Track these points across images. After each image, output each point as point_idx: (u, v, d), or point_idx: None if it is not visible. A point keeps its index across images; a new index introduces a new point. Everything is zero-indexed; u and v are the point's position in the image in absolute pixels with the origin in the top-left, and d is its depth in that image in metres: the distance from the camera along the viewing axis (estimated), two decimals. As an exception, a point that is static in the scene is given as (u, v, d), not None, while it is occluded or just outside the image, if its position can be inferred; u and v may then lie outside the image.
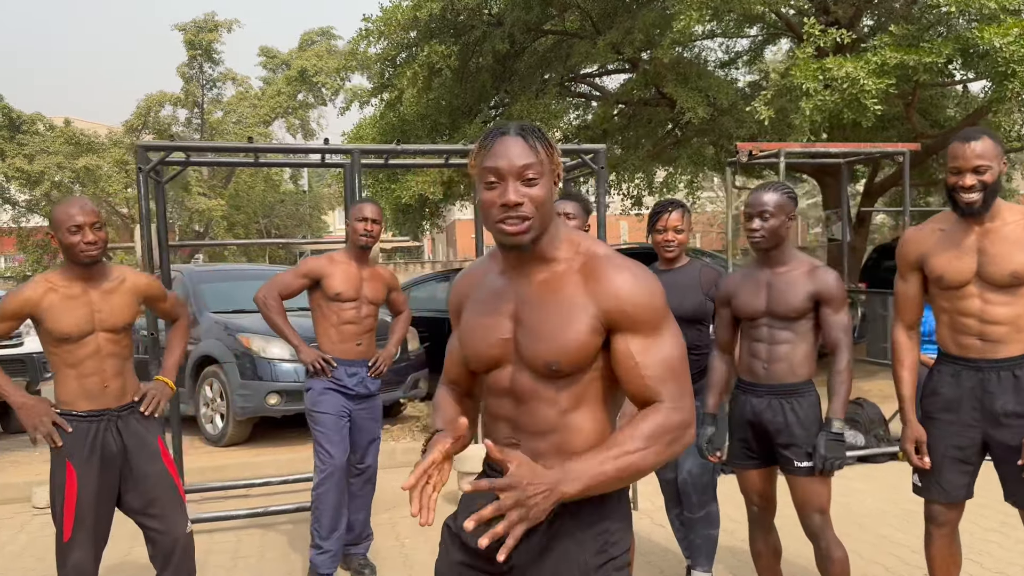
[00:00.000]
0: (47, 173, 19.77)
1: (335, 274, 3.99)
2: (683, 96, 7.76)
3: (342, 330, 4.05)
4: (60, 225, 2.91)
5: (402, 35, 8.66)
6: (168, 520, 3.04)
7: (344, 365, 4.04)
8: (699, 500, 3.58)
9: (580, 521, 1.65)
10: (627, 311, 1.60)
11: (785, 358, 3.07)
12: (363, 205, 4.04)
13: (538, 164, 1.60)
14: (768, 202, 3.04)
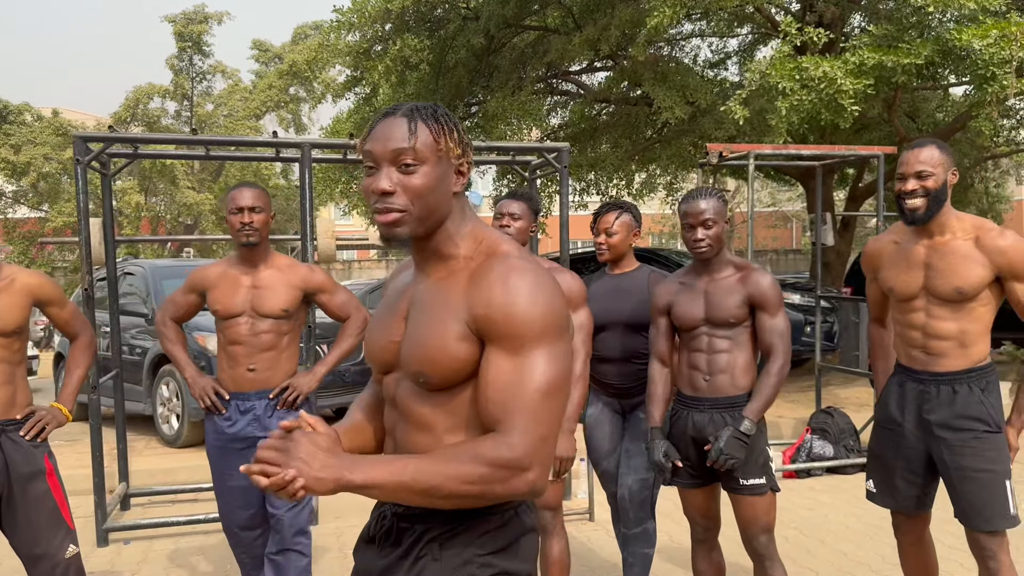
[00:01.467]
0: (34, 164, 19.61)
1: (219, 285, 3.26)
2: (661, 95, 7.59)
3: (231, 353, 3.26)
4: None
5: (375, 27, 8.47)
6: (46, 544, 2.85)
7: (236, 399, 3.26)
8: (636, 516, 3.42)
9: (443, 565, 1.45)
10: (494, 319, 1.38)
11: (726, 368, 2.95)
12: (238, 192, 3.18)
13: (416, 150, 1.41)
14: (708, 209, 2.93)
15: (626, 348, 3.43)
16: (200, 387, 3.26)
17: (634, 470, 3.42)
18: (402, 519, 1.51)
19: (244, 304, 3.22)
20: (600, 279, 3.57)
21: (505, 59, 9.55)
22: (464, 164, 1.50)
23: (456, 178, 1.48)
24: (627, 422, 3.52)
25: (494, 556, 1.46)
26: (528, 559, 1.51)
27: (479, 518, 1.46)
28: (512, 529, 1.49)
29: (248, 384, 3.25)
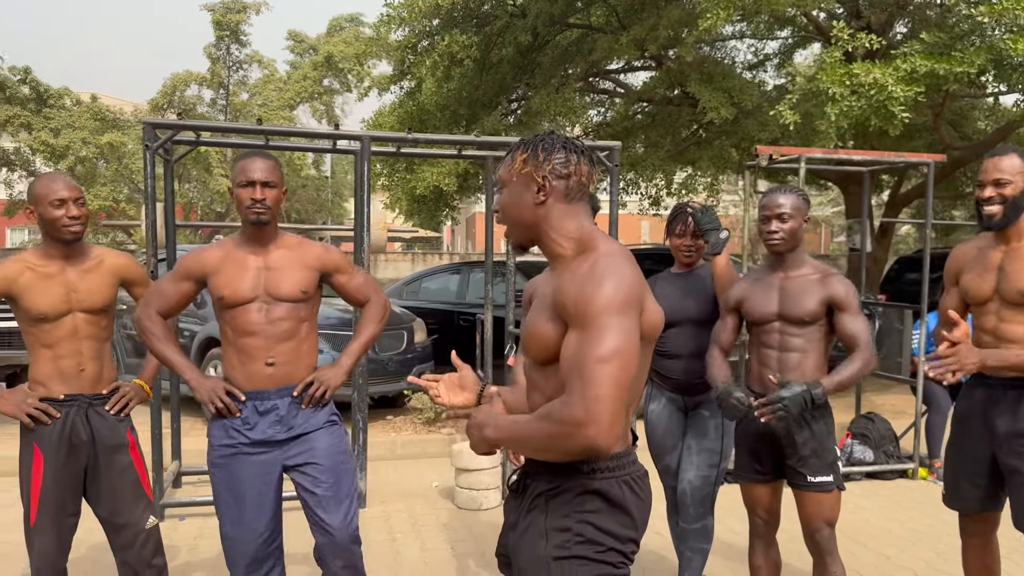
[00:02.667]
0: (72, 148, 19.88)
1: (223, 268, 2.79)
2: (706, 96, 7.62)
3: (243, 346, 2.76)
4: (42, 200, 2.84)
5: (424, 23, 8.56)
6: (128, 514, 2.97)
7: (253, 399, 2.77)
8: (696, 512, 3.49)
9: (548, 516, 1.78)
10: (566, 305, 1.67)
11: (796, 367, 2.99)
12: (250, 162, 2.77)
13: (502, 177, 1.85)
14: (785, 204, 2.99)
15: (693, 345, 3.48)
16: (208, 389, 2.75)
17: (696, 466, 3.48)
18: (526, 476, 1.89)
19: (256, 288, 2.77)
20: (666, 277, 3.63)
21: (547, 56, 9.61)
22: (547, 179, 1.79)
23: (536, 193, 1.80)
24: (689, 419, 3.58)
25: (591, 515, 1.75)
26: (623, 527, 1.77)
27: (577, 480, 1.75)
28: (607, 496, 1.75)
29: (267, 381, 2.77)
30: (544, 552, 1.76)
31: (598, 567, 1.74)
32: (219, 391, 2.75)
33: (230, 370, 2.81)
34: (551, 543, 1.75)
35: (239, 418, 2.78)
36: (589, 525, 1.74)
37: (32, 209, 2.90)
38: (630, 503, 1.77)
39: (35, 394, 2.90)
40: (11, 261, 2.90)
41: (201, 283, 2.83)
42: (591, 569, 1.74)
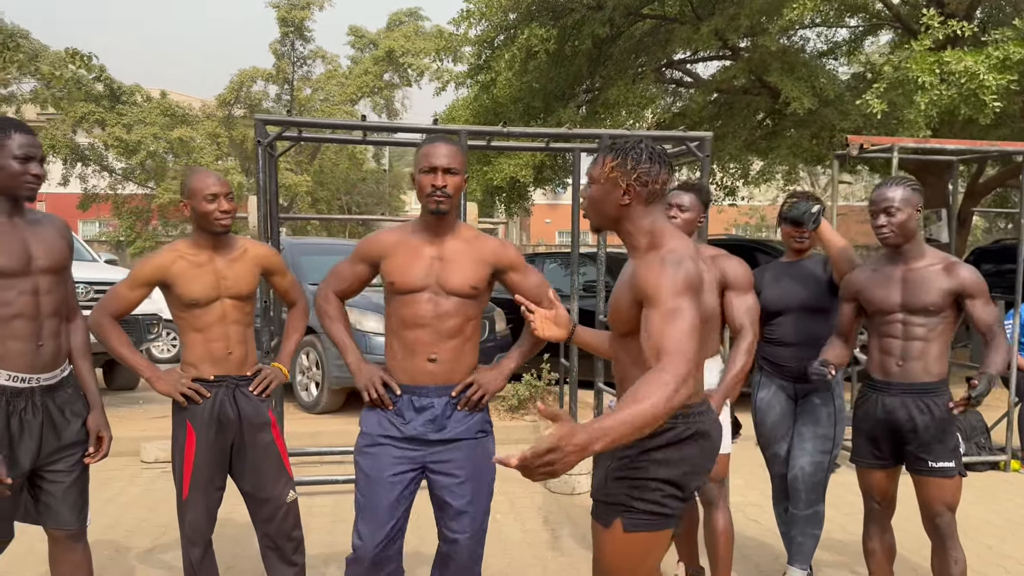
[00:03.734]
0: (143, 143, 20.44)
1: (396, 253, 2.73)
2: (788, 86, 7.58)
3: (407, 338, 2.70)
4: (197, 193, 3.00)
5: (502, 17, 8.67)
6: (271, 488, 3.12)
7: (410, 393, 2.72)
8: (807, 498, 3.55)
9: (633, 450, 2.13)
10: (641, 288, 2.01)
11: (920, 356, 3.02)
12: (433, 148, 2.65)
13: (594, 176, 2.20)
14: (893, 197, 3.01)
15: (803, 332, 3.54)
16: (367, 377, 2.73)
17: (808, 452, 3.53)
18: None
19: (427, 277, 2.68)
20: (776, 266, 3.69)
21: (620, 48, 9.64)
22: (632, 186, 2.13)
23: (623, 195, 2.14)
24: (800, 406, 3.63)
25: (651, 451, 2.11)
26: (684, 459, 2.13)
27: None
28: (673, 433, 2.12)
29: (427, 377, 2.70)
30: (608, 471, 2.19)
31: (645, 491, 2.11)
32: (376, 381, 2.71)
33: (391, 360, 2.75)
34: (614, 465, 2.18)
35: (393, 411, 2.72)
36: (646, 458, 2.12)
37: (186, 202, 3.08)
38: (690, 443, 2.13)
39: (188, 375, 3.08)
40: (165, 250, 3.08)
41: (375, 266, 2.79)
42: (639, 492, 2.11)
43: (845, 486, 5.26)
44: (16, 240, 2.58)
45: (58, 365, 2.71)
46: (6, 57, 7.01)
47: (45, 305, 2.64)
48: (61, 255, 2.71)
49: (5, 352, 2.55)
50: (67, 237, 2.81)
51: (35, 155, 2.57)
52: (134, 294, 3.05)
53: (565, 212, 35.22)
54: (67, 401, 2.73)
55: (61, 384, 2.72)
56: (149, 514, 4.78)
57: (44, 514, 2.72)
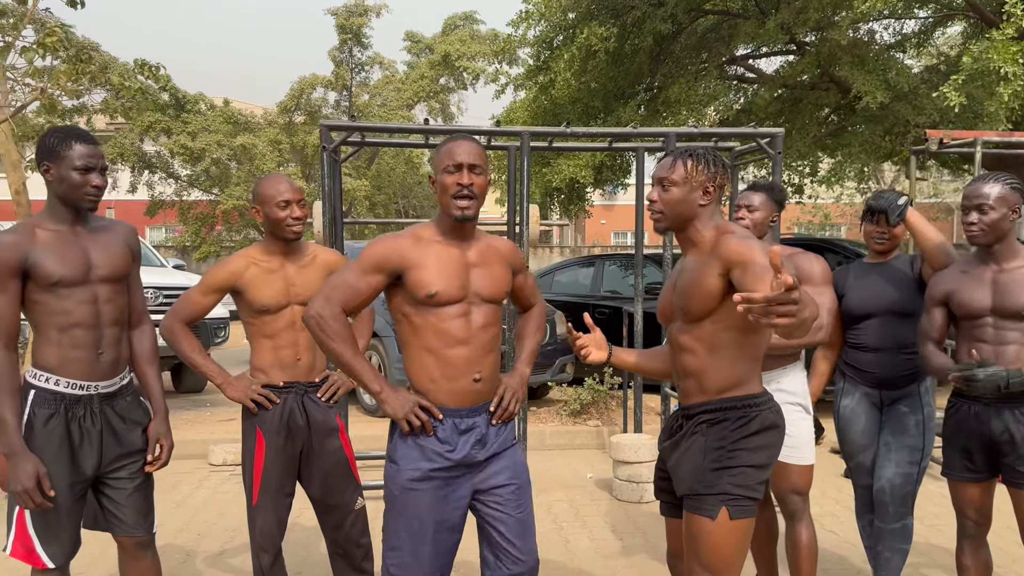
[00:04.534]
0: (208, 150, 20.92)
1: (426, 261, 2.37)
2: (860, 80, 7.31)
3: (448, 357, 2.38)
4: (269, 200, 2.99)
5: (561, 17, 8.58)
6: (339, 495, 3.09)
7: (454, 416, 2.40)
8: (895, 511, 3.36)
9: (707, 438, 2.32)
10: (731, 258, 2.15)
11: (1014, 362, 2.83)
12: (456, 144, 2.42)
13: (672, 178, 2.33)
14: (988, 194, 2.83)
15: (890, 337, 3.36)
16: (404, 406, 2.35)
17: (896, 463, 3.35)
18: (686, 417, 2.40)
19: (465, 286, 2.39)
20: (859, 267, 3.52)
21: (681, 45, 9.46)
22: (710, 186, 2.31)
23: (703, 195, 2.32)
24: (886, 415, 3.45)
25: (743, 440, 2.28)
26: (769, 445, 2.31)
27: (734, 410, 2.30)
28: (757, 422, 2.30)
29: (472, 397, 2.41)
30: (702, 464, 2.29)
31: (742, 478, 2.25)
32: (415, 408, 2.36)
33: (427, 383, 2.38)
34: (708, 458, 2.28)
35: (437, 438, 2.39)
36: (740, 448, 2.27)
37: (258, 208, 3.07)
38: (771, 431, 2.31)
39: (258, 381, 3.07)
40: (238, 256, 3.08)
41: (395, 276, 2.36)
42: (738, 479, 2.25)
43: (927, 495, 5.02)
44: (76, 250, 2.59)
45: (117, 373, 2.71)
46: (78, 69, 7.20)
47: (105, 314, 2.64)
48: (122, 263, 2.70)
49: (63, 360, 2.56)
50: (132, 244, 2.80)
51: (95, 165, 2.57)
52: (207, 299, 3.06)
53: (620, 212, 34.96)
54: (127, 409, 2.73)
55: (120, 392, 2.72)
56: (218, 518, 4.82)
57: (111, 522, 2.73)
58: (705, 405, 2.36)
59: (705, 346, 2.32)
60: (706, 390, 2.35)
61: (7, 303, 2.50)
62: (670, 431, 2.50)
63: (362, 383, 2.36)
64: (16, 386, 2.52)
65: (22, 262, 2.50)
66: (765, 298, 1.74)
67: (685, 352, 2.38)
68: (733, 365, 2.32)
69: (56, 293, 2.54)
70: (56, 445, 2.55)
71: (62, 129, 2.62)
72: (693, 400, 2.39)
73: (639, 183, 5.93)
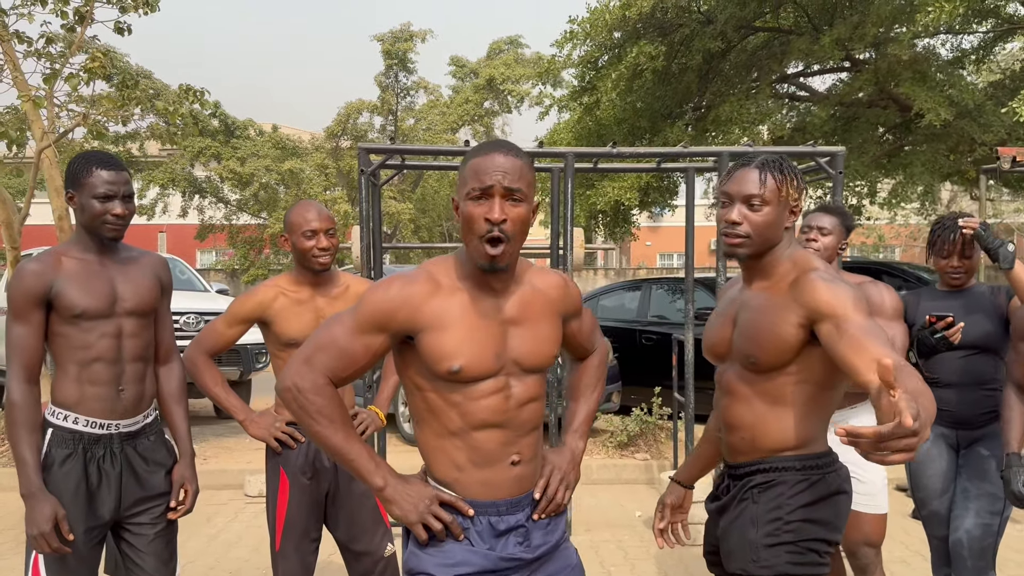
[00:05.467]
0: (256, 175, 21.22)
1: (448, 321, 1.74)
2: (922, 97, 6.98)
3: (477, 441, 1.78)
4: (295, 228, 2.84)
5: (607, 36, 8.41)
6: (368, 541, 2.91)
7: (489, 513, 1.80)
8: (974, 565, 3.04)
9: (760, 505, 1.96)
10: (821, 309, 1.82)
11: None
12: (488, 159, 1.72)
13: (763, 196, 1.94)
14: None
15: (969, 373, 3.06)
16: (424, 505, 1.75)
17: (975, 513, 3.03)
18: (732, 477, 2.07)
19: (501, 355, 1.77)
20: (932, 294, 3.22)
21: (730, 63, 9.22)
22: (798, 206, 1.99)
23: (789, 216, 1.99)
24: (963, 458, 3.14)
25: (803, 509, 1.93)
26: (836, 516, 1.97)
27: (792, 471, 1.95)
28: (821, 487, 1.96)
29: (511, 486, 1.82)
30: (755, 538, 1.95)
31: (805, 555, 1.92)
32: (434, 508, 1.75)
33: (451, 472, 1.78)
34: (761, 531, 1.95)
35: (468, 542, 1.78)
36: (800, 518, 1.93)
37: (286, 236, 2.92)
38: (838, 499, 1.98)
39: (282, 418, 2.90)
40: (265, 286, 2.93)
41: (402, 337, 1.75)
42: (799, 557, 1.91)
43: (1009, 541, 4.63)
44: (102, 280, 2.47)
45: (140, 411, 2.56)
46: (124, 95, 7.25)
47: (128, 348, 2.50)
48: (149, 296, 2.57)
49: (82, 397, 2.43)
50: (162, 277, 2.67)
51: (117, 193, 2.43)
52: (232, 331, 2.91)
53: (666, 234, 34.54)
54: (150, 449, 2.58)
55: (143, 431, 2.57)
56: (252, 554, 4.65)
57: (130, 569, 2.57)
58: (757, 465, 2.00)
59: (768, 398, 1.97)
60: (759, 447, 1.99)
61: (30, 334, 2.39)
62: (716, 492, 2.16)
63: (359, 476, 1.76)
64: (37, 422, 2.39)
65: (46, 291, 2.39)
66: (877, 433, 1.29)
67: (739, 401, 2.02)
68: (799, 422, 1.96)
69: (78, 325, 2.41)
70: (72, 488, 2.41)
71: (86, 154, 2.51)
72: (742, 458, 2.04)
73: (689, 204, 5.68)
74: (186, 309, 7.38)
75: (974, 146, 7.62)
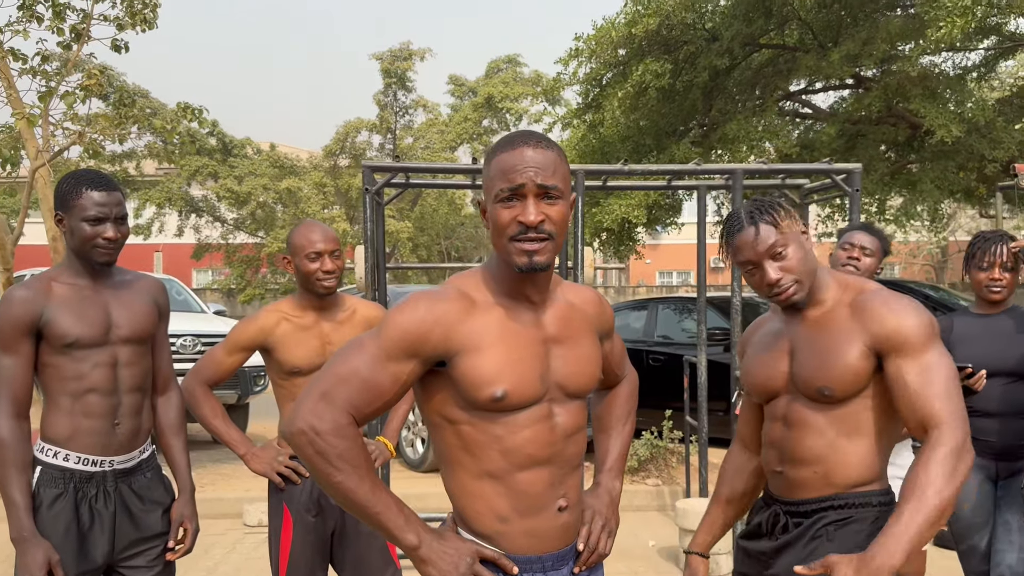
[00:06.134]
0: (253, 194, 21.12)
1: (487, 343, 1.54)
2: (932, 113, 6.88)
3: (521, 484, 1.57)
4: (299, 250, 2.69)
5: (612, 54, 8.33)
6: None
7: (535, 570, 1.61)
8: (1020, 604, 2.88)
9: (836, 545, 1.81)
10: (892, 337, 1.75)
11: None
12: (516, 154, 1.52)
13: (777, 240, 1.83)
14: None
15: (1010, 402, 2.91)
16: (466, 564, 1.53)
17: (1019, 547, 2.88)
18: (794, 515, 1.91)
19: (545, 377, 1.58)
20: (968, 318, 3.08)
21: (735, 80, 9.14)
22: (804, 226, 1.90)
23: (807, 240, 1.90)
24: (1002, 489, 2.99)
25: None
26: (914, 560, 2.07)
27: (868, 508, 1.84)
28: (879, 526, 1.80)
29: (557, 536, 1.62)
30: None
31: None
32: (475, 565, 1.54)
33: (494, 523, 1.58)
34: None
35: None
36: None
37: (288, 258, 2.77)
38: None
39: (285, 452, 2.74)
40: (267, 311, 2.77)
41: (434, 362, 1.54)
42: None
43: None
44: (96, 307, 2.31)
45: (136, 446, 2.39)
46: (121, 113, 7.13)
47: (124, 379, 2.34)
48: (146, 323, 2.41)
49: (75, 431, 2.26)
50: (159, 301, 2.51)
51: (108, 215, 2.27)
52: (232, 359, 2.75)
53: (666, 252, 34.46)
54: (146, 487, 2.41)
55: (139, 467, 2.40)
56: (250, 588, 4.47)
57: None
58: (830, 501, 1.86)
59: (843, 427, 1.84)
60: (833, 482, 1.85)
61: (18, 365, 2.23)
62: (768, 529, 1.98)
63: (386, 533, 1.51)
64: (27, 461, 2.23)
65: (35, 320, 2.23)
66: None
67: (811, 434, 1.87)
68: (874, 454, 1.84)
69: (71, 355, 2.26)
70: (62, 530, 2.24)
71: (76, 174, 2.35)
72: (811, 494, 1.88)
73: (701, 221, 5.54)
74: (183, 331, 7.21)
75: (983, 163, 7.53)
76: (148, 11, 6.93)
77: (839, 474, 1.84)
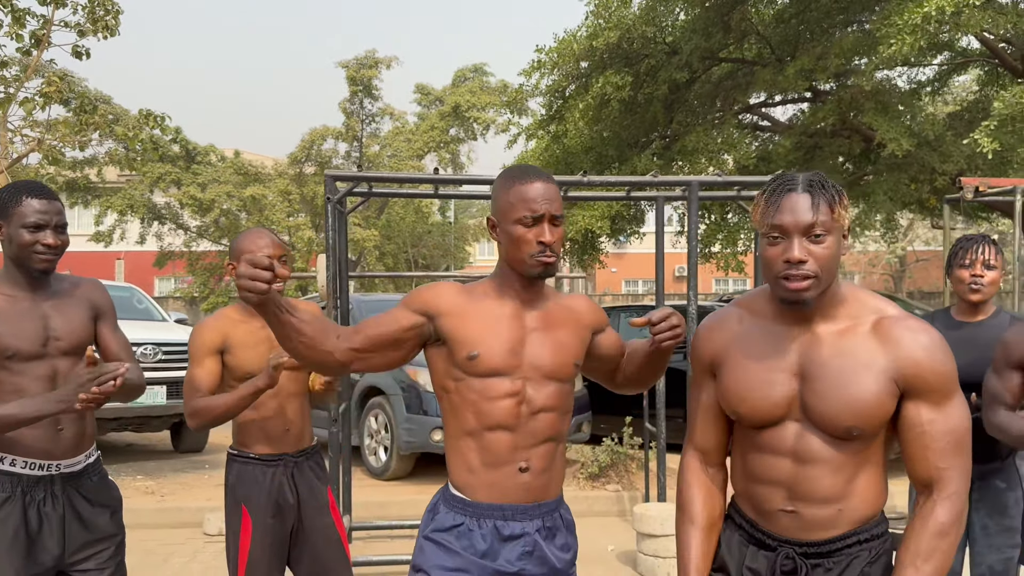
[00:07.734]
0: (217, 201, 20.93)
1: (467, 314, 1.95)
2: (884, 127, 7.09)
3: (487, 442, 1.91)
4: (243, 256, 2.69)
5: (574, 66, 8.45)
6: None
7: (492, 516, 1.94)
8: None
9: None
10: (924, 378, 1.63)
11: None
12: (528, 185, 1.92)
13: (823, 223, 1.60)
14: None
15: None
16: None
17: (995, 548, 2.93)
18: (810, 556, 1.72)
19: (518, 353, 1.92)
20: (946, 324, 3.05)
21: (695, 93, 9.31)
22: (847, 229, 1.67)
23: (844, 243, 1.67)
24: (978, 492, 3.04)
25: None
26: None
27: (885, 537, 1.74)
28: (889, 549, 1.77)
29: (518, 492, 1.92)
30: None
31: None
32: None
33: (464, 474, 1.93)
34: None
35: (467, 544, 1.92)
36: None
37: (233, 265, 2.77)
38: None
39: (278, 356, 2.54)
40: (215, 318, 2.75)
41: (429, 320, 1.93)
42: None
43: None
44: (33, 318, 2.30)
45: (82, 450, 2.41)
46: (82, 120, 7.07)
47: None
48: (85, 333, 2.41)
49: (20, 435, 2.25)
50: (97, 302, 2.47)
51: (49, 222, 2.28)
52: (207, 365, 2.68)
53: (631, 261, 34.76)
54: (94, 490, 2.42)
55: (86, 471, 2.41)
56: (210, 597, 4.46)
57: None
58: (855, 536, 1.72)
59: (860, 461, 1.70)
60: (849, 519, 1.71)
61: None
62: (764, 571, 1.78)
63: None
64: None
65: None
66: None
67: (829, 472, 1.69)
68: (883, 481, 1.75)
69: (8, 368, 2.25)
70: (10, 534, 2.24)
71: (16, 184, 2.37)
72: (833, 532, 1.71)
73: (659, 232, 5.66)
74: (144, 340, 7.16)
75: (934, 175, 7.76)
76: (110, 18, 6.89)
77: (859, 509, 1.71)
